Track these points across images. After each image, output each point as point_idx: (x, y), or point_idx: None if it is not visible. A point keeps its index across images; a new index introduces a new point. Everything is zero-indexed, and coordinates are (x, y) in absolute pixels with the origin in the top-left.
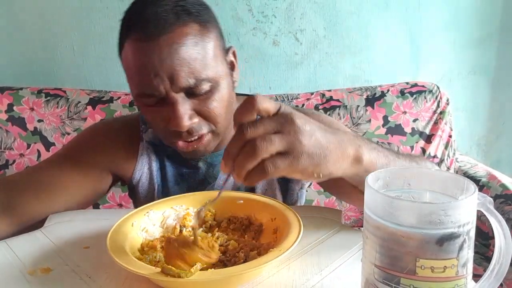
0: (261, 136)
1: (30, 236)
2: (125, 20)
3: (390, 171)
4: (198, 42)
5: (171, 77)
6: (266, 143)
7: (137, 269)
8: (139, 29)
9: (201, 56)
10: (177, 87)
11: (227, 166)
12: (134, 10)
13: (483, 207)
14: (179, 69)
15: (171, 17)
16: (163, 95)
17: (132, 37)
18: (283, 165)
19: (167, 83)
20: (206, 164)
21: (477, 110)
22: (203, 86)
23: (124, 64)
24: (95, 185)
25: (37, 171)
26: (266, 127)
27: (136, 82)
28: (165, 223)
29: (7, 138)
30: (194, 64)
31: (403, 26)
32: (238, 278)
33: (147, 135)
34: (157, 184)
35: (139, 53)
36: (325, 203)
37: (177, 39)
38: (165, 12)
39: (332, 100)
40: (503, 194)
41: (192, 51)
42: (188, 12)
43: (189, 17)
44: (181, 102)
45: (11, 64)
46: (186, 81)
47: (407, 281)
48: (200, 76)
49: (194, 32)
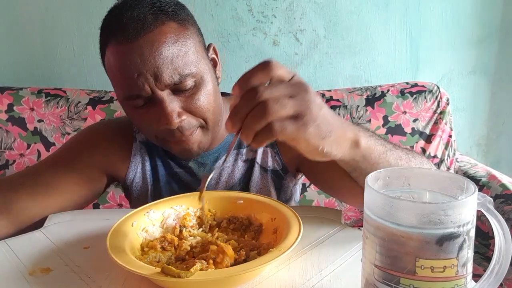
0: (273, 98)
1: (30, 236)
2: (104, 27)
3: (390, 171)
4: (178, 40)
5: (155, 75)
6: (278, 106)
7: (137, 269)
8: (119, 32)
9: (183, 52)
10: (162, 85)
11: (235, 126)
12: (111, 16)
13: (483, 207)
14: (162, 66)
15: (149, 18)
16: (149, 94)
17: (113, 41)
18: (291, 129)
19: (151, 81)
20: (197, 163)
21: (477, 110)
22: (188, 82)
23: (108, 70)
24: (91, 185)
25: (34, 172)
26: (280, 91)
27: (121, 85)
28: (165, 223)
29: (7, 138)
30: (177, 61)
31: (403, 26)
32: (238, 278)
33: (140, 136)
34: (150, 184)
35: (121, 55)
36: (325, 203)
37: (157, 38)
38: (143, 14)
39: (332, 100)
40: (503, 194)
41: (173, 48)
42: (164, 12)
43: (166, 17)
44: (168, 100)
45: (11, 64)
46: (170, 78)
47: (407, 281)
48: (184, 72)
49: (173, 30)
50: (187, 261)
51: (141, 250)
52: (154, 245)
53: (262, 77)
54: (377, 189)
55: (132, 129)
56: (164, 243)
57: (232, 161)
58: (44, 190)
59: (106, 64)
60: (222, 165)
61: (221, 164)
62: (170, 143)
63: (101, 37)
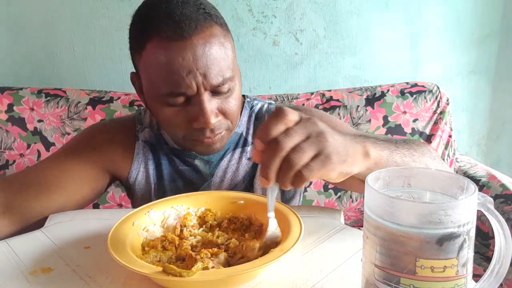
0: (293, 149)
1: (30, 236)
2: (146, 22)
3: (390, 171)
4: (223, 43)
5: (204, 75)
6: (300, 154)
7: (139, 269)
8: (170, 29)
9: (226, 56)
10: (208, 85)
11: (271, 180)
12: (156, 12)
13: (483, 207)
14: (212, 67)
15: (200, 18)
16: (194, 93)
17: (161, 37)
18: (317, 166)
19: (199, 80)
20: (202, 161)
21: (477, 110)
22: (226, 85)
23: (148, 65)
24: (93, 184)
25: (36, 171)
26: (297, 137)
27: (166, 81)
28: (166, 223)
29: (7, 138)
30: (222, 63)
31: (403, 26)
32: (238, 278)
33: (143, 135)
34: (153, 182)
35: (171, 52)
36: (325, 203)
37: (208, 39)
38: (194, 14)
39: (332, 100)
40: (503, 194)
41: (221, 51)
42: (210, 14)
43: (212, 20)
44: (208, 101)
45: (11, 64)
46: (216, 79)
47: (407, 281)
48: (226, 75)
49: (219, 33)
50: (188, 260)
51: (142, 250)
52: (155, 244)
53: (278, 127)
54: (377, 189)
55: (134, 128)
56: (165, 242)
57: (237, 159)
58: (45, 189)
59: (144, 57)
60: (227, 163)
61: (227, 162)
62: (197, 141)
63: (140, 31)
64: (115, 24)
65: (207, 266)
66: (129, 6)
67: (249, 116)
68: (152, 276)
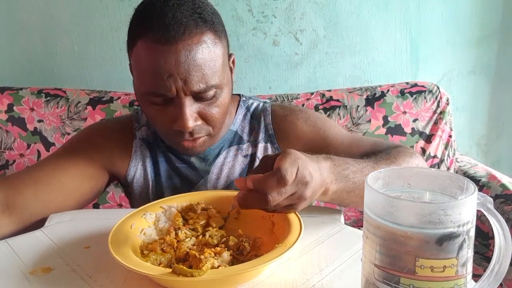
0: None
1: (31, 235)
2: (141, 19)
3: (390, 171)
4: (211, 50)
5: (184, 80)
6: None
7: (148, 271)
8: (158, 31)
9: (213, 63)
10: (188, 90)
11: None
12: (151, 11)
13: (483, 207)
14: (193, 73)
15: (191, 24)
16: (173, 96)
17: (150, 37)
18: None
19: (179, 84)
20: (198, 158)
21: (477, 110)
22: (210, 92)
23: (136, 62)
24: (92, 182)
25: (35, 170)
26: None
27: (147, 81)
28: (158, 226)
29: (7, 138)
30: (206, 70)
31: (403, 26)
32: (238, 278)
33: (140, 133)
34: (151, 180)
35: (156, 54)
36: (325, 203)
37: (194, 46)
38: (185, 18)
39: (332, 100)
40: (503, 194)
41: (206, 58)
42: (204, 20)
43: (205, 25)
44: (188, 105)
45: (11, 64)
46: (197, 86)
47: (406, 281)
48: (210, 83)
49: (209, 40)
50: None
51: (141, 253)
52: (154, 247)
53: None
54: (377, 189)
55: (132, 126)
56: (164, 245)
57: (233, 156)
58: (45, 188)
59: (133, 54)
60: (223, 160)
61: (222, 159)
62: (177, 142)
63: (135, 27)
64: (115, 24)
65: (213, 265)
66: (129, 6)
67: (244, 115)
68: (162, 278)
